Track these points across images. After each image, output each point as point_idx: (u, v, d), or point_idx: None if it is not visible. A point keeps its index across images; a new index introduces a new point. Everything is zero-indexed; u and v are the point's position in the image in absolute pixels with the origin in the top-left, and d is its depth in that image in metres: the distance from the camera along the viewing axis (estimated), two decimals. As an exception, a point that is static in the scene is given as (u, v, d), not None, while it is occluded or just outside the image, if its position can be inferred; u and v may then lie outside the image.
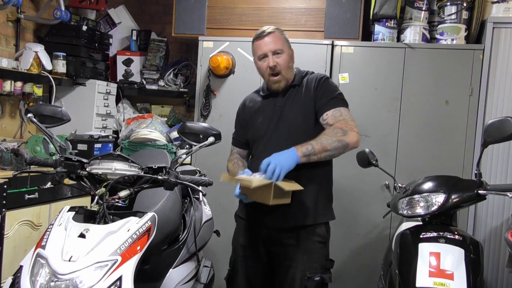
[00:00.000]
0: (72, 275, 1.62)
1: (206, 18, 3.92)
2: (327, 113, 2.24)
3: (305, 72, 2.43)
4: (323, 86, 2.30)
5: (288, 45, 2.36)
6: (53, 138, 2.08)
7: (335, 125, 2.18)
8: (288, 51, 2.34)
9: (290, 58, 2.34)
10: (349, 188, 3.50)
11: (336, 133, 2.13)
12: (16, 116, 3.67)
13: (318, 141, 2.12)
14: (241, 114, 2.55)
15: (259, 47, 2.32)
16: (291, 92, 2.36)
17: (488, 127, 2.39)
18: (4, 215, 2.67)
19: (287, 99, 2.35)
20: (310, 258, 2.28)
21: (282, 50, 2.30)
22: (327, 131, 2.16)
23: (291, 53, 2.36)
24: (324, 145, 2.11)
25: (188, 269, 2.56)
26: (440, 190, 2.45)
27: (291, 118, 2.32)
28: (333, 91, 2.30)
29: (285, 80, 2.33)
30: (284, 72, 2.30)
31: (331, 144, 2.11)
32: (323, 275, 2.28)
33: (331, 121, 2.21)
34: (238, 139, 2.56)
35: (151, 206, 2.29)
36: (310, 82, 2.34)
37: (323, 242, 2.33)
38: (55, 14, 3.70)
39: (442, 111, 3.49)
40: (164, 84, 4.31)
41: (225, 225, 3.40)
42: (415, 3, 3.65)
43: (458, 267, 2.20)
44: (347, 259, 3.61)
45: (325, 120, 2.24)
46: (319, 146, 2.10)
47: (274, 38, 2.30)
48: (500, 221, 3.38)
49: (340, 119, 2.20)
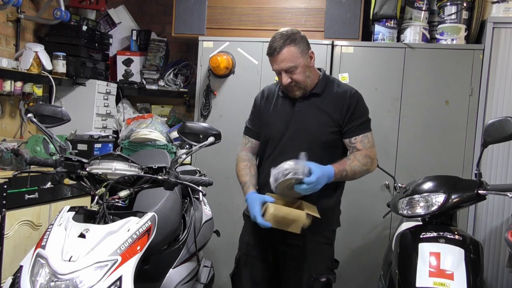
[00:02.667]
0: (72, 275, 1.62)
1: (206, 18, 3.92)
2: (356, 138, 2.27)
3: (332, 79, 2.35)
4: (356, 107, 2.27)
5: (305, 50, 2.22)
6: (53, 138, 2.09)
7: (366, 153, 2.26)
8: (303, 61, 2.20)
9: (306, 67, 2.22)
10: (349, 188, 3.47)
11: (366, 163, 2.24)
12: (16, 116, 3.67)
13: (352, 167, 2.21)
14: (258, 104, 2.43)
15: (272, 62, 2.23)
16: (312, 101, 2.28)
17: (488, 127, 2.39)
18: (4, 215, 2.67)
19: (308, 106, 2.28)
20: (317, 259, 2.28)
21: (295, 66, 2.18)
22: (360, 158, 2.23)
23: (307, 61, 2.23)
24: (356, 172, 2.22)
25: (188, 269, 2.56)
26: (440, 190, 2.45)
27: (308, 126, 2.27)
28: (364, 115, 2.31)
29: (302, 90, 2.25)
30: (301, 84, 2.23)
31: (360, 172, 2.24)
32: (329, 276, 2.29)
33: (360, 146, 2.27)
34: (254, 129, 2.43)
35: (151, 206, 2.29)
36: (340, 96, 2.27)
37: (329, 244, 2.35)
38: (55, 14, 3.70)
39: (442, 111, 3.49)
40: (164, 84, 4.31)
41: (225, 225, 3.41)
42: (415, 3, 3.65)
43: (458, 267, 2.20)
44: (347, 259, 3.61)
45: (353, 144, 2.27)
46: (351, 173, 2.21)
47: (285, 56, 2.17)
48: (500, 221, 3.37)
49: (368, 146, 2.28)
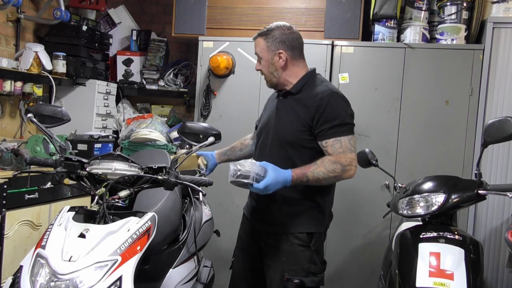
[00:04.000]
0: (72, 275, 1.62)
1: (206, 18, 3.92)
2: (326, 142, 2.18)
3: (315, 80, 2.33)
4: (326, 109, 2.17)
5: (269, 50, 2.28)
6: (53, 138, 2.08)
7: (335, 159, 2.14)
8: (267, 57, 2.30)
9: (270, 64, 2.30)
10: (349, 188, 3.50)
11: (334, 169, 2.13)
12: (16, 116, 3.67)
13: (315, 173, 2.12)
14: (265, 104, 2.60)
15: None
16: (289, 99, 2.32)
17: (488, 127, 2.39)
18: (4, 215, 2.67)
19: (284, 104, 2.34)
20: (289, 260, 2.26)
21: (260, 57, 2.33)
22: (326, 164, 2.13)
23: (272, 58, 2.29)
24: (319, 179, 2.13)
25: (188, 269, 2.56)
26: (440, 190, 2.45)
27: (281, 125, 2.30)
28: (336, 118, 2.18)
29: (268, 82, 2.38)
30: (266, 77, 2.36)
31: (326, 179, 2.15)
32: (304, 279, 2.22)
33: (330, 151, 2.17)
34: (257, 123, 2.61)
35: (151, 206, 2.29)
36: (312, 97, 2.23)
37: (304, 246, 2.26)
38: (55, 14, 3.70)
39: (442, 111, 3.49)
40: (164, 84, 4.31)
41: (225, 225, 3.41)
42: (415, 3, 3.65)
43: (458, 267, 2.20)
44: (347, 259, 3.61)
45: (324, 147, 2.20)
46: (314, 179, 2.13)
47: (256, 43, 2.34)
48: (500, 221, 3.37)
49: (339, 152, 2.16)
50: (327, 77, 3.62)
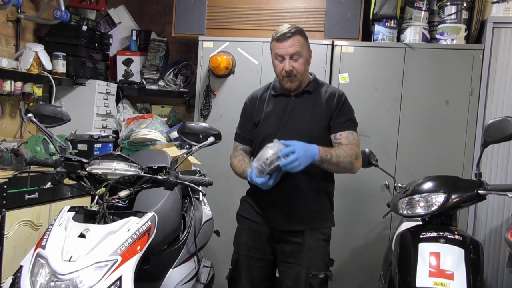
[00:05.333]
0: (72, 275, 1.62)
1: (206, 18, 3.92)
2: (341, 134, 2.31)
3: (321, 82, 2.45)
4: (344, 105, 2.35)
5: (308, 46, 2.35)
6: (53, 138, 2.08)
7: (350, 146, 2.28)
8: (306, 54, 2.33)
9: (307, 61, 2.34)
10: (349, 188, 3.50)
11: (351, 154, 2.24)
12: (16, 116, 3.67)
13: (337, 153, 2.21)
14: (248, 109, 2.50)
15: (278, 48, 2.29)
16: (305, 98, 2.37)
17: (488, 127, 2.39)
18: (4, 215, 2.67)
19: (300, 103, 2.37)
20: (315, 255, 2.31)
21: (300, 54, 2.28)
22: (345, 148, 2.26)
23: (309, 55, 2.36)
24: (340, 160, 2.21)
25: (188, 269, 2.56)
26: (440, 190, 2.45)
27: (301, 122, 2.34)
28: (350, 113, 2.37)
29: (297, 82, 2.33)
30: (299, 75, 2.31)
31: (344, 162, 2.22)
32: (327, 273, 2.31)
33: (345, 141, 2.29)
34: (244, 135, 2.52)
35: (151, 206, 2.29)
36: (330, 95, 2.36)
37: (327, 241, 2.38)
38: (55, 14, 3.70)
39: (442, 111, 3.49)
40: (164, 84, 4.31)
41: (225, 225, 3.41)
42: (415, 3, 3.65)
43: (458, 267, 2.20)
44: (347, 259, 3.61)
45: (338, 139, 2.31)
46: (336, 159, 2.19)
47: (296, 41, 2.27)
48: (500, 221, 3.37)
49: (353, 143, 2.30)
50: (327, 77, 3.63)
